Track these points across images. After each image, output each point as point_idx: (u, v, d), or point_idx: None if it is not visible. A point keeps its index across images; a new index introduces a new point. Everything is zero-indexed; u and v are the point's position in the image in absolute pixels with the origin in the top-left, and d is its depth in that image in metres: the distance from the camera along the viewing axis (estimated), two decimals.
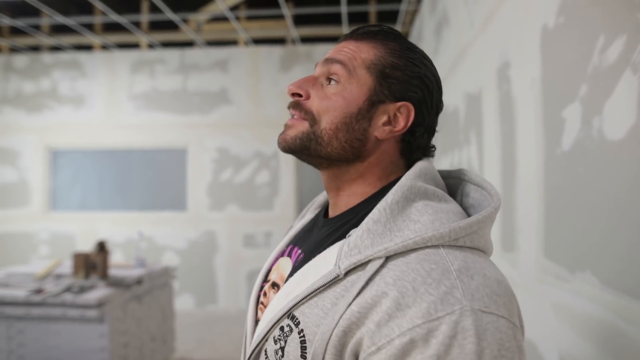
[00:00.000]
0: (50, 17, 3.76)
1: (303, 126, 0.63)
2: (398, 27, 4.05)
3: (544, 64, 1.17)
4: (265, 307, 0.68)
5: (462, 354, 0.46)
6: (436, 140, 0.67)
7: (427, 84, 0.61)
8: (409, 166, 0.64)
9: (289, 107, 0.65)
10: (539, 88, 1.19)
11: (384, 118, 0.60)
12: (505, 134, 1.48)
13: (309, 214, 0.77)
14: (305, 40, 4.53)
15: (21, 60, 4.71)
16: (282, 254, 0.72)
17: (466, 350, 0.46)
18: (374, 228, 0.54)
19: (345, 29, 4.05)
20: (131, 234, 4.52)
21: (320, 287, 0.54)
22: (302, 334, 0.54)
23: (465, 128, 2.05)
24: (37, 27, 4.09)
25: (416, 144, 0.62)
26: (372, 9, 3.79)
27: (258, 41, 4.55)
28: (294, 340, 0.54)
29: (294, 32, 4.12)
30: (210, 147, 4.54)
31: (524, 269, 1.32)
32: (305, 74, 4.54)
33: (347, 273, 0.53)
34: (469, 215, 0.61)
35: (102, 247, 2.61)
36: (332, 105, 0.61)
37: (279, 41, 4.60)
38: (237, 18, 3.99)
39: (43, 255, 4.62)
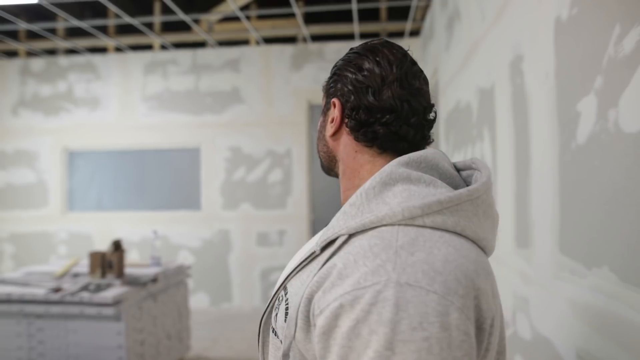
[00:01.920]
0: (65, 20, 3.81)
1: None
2: (409, 23, 4.02)
3: (557, 56, 1.15)
4: None
5: (379, 321, 0.49)
6: (449, 137, 0.67)
7: (339, 74, 0.71)
8: (397, 153, 0.67)
9: None
10: (552, 81, 1.17)
11: (330, 119, 0.72)
12: (519, 128, 1.46)
13: None
14: (316, 38, 4.52)
15: (38, 63, 4.80)
16: None
17: (383, 318, 0.49)
18: (349, 210, 0.60)
19: (355, 26, 4.04)
20: (146, 233, 4.58)
21: (303, 262, 0.63)
22: (287, 302, 0.63)
23: (478, 123, 2.03)
24: (52, 31, 4.16)
25: (351, 125, 0.68)
26: (383, 5, 3.77)
27: (269, 40, 4.56)
28: (282, 308, 0.64)
29: (305, 30, 4.12)
30: (223, 147, 4.57)
31: (539, 265, 1.30)
32: (317, 72, 4.51)
33: (323, 250, 0.60)
34: None
35: (118, 246, 2.65)
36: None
37: (290, 40, 4.60)
38: (248, 17, 4.00)
39: (61, 255, 4.71)
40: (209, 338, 3.68)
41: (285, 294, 0.64)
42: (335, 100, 0.71)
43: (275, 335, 0.65)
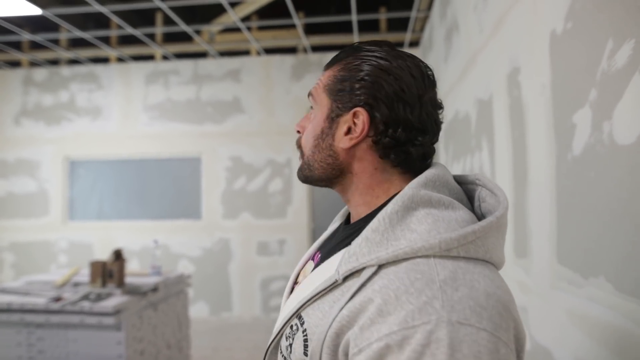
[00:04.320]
0: (68, 31, 3.86)
1: (300, 160, 0.71)
2: (408, 34, 4.06)
3: (553, 69, 1.17)
4: None
5: None
6: (448, 147, 0.67)
7: (373, 81, 0.62)
8: (412, 173, 0.64)
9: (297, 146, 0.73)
10: (549, 93, 1.19)
11: (345, 129, 0.64)
12: (516, 139, 1.48)
13: (338, 220, 0.81)
14: (317, 49, 4.56)
15: (40, 73, 4.84)
16: (310, 258, 0.77)
17: None
18: (372, 237, 0.56)
19: (355, 37, 4.08)
20: (147, 242, 4.58)
21: (322, 290, 0.58)
22: (305, 333, 0.58)
23: (477, 134, 2.05)
24: (55, 42, 4.20)
25: (384, 143, 0.62)
26: (383, 16, 3.81)
27: (270, 51, 4.60)
28: (299, 338, 0.59)
29: (305, 41, 4.16)
30: (224, 156, 4.59)
31: (537, 275, 1.31)
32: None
33: (346, 279, 0.57)
34: None
35: (118, 256, 2.66)
36: (307, 134, 0.69)
37: (291, 50, 4.64)
38: (249, 28, 4.04)
39: (62, 264, 4.71)
40: (208, 347, 3.67)
41: (302, 324, 0.59)
42: (361, 110, 0.62)
43: None
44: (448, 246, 0.53)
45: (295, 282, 0.75)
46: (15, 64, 4.84)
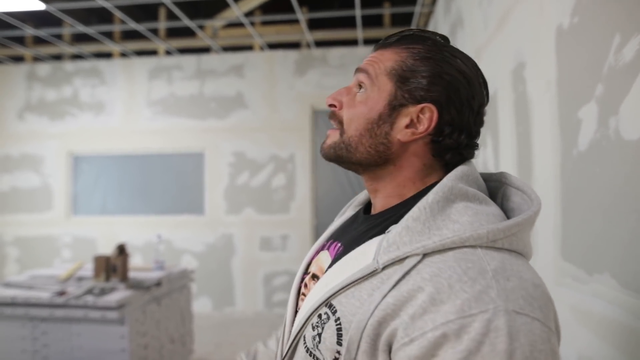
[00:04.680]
0: (71, 26, 3.86)
1: (335, 136, 0.67)
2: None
3: (559, 64, 1.16)
4: (305, 297, 0.71)
5: (493, 352, 0.47)
6: None
7: (450, 82, 0.61)
8: (446, 167, 0.64)
9: (328, 118, 0.69)
10: (554, 88, 1.18)
11: (407, 120, 0.62)
12: (521, 135, 1.47)
13: (349, 211, 0.79)
14: (320, 44, 4.55)
15: (44, 68, 4.84)
16: (322, 248, 0.75)
17: (497, 349, 0.47)
18: (413, 226, 0.56)
19: (359, 32, 4.06)
20: (150, 237, 4.60)
21: (359, 279, 0.56)
22: (338, 322, 0.56)
23: (482, 129, 2.04)
24: (59, 37, 4.20)
25: (445, 144, 0.62)
26: (387, 11, 3.79)
27: (273, 46, 4.59)
28: (330, 327, 0.57)
29: (309, 36, 4.14)
30: (227, 151, 4.59)
31: (541, 270, 1.30)
32: (320, 78, 4.49)
33: (385, 267, 0.56)
34: (508, 218, 0.61)
35: (122, 250, 2.67)
36: (356, 113, 0.64)
37: (294, 45, 4.63)
38: (252, 23, 4.03)
39: (65, 259, 4.73)
40: (212, 342, 3.68)
41: (333, 312, 0.57)
42: (431, 106, 0.61)
43: (313, 357, 0.60)
44: (495, 237, 0.54)
45: (306, 273, 0.74)
46: (18, 59, 4.85)
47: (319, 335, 0.58)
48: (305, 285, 0.72)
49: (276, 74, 4.57)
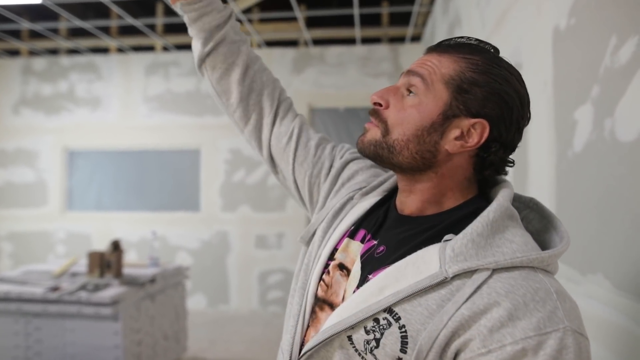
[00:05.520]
0: (68, 21, 3.83)
1: (376, 133, 0.66)
2: (410, 29, 4.04)
3: (555, 65, 1.16)
4: (326, 285, 0.69)
5: None
6: None
7: (506, 101, 0.61)
8: (480, 181, 0.67)
9: (369, 114, 0.68)
10: (550, 89, 1.19)
11: (457, 132, 0.62)
12: None
13: (374, 196, 0.75)
14: (318, 42, 4.54)
15: (40, 63, 4.81)
16: (346, 234, 0.72)
17: None
18: (478, 240, 0.58)
19: (357, 31, 4.06)
20: (145, 233, 4.58)
21: (426, 287, 0.57)
22: (403, 330, 0.57)
23: None
24: (55, 31, 4.18)
25: (490, 160, 0.64)
26: (385, 10, 3.79)
27: (271, 43, 4.58)
28: (392, 334, 0.58)
29: (307, 34, 4.14)
30: (223, 148, 4.58)
31: None
32: (318, 76, 4.47)
33: (452, 278, 0.57)
34: None
35: (116, 247, 2.66)
36: (406, 118, 0.63)
37: (292, 43, 4.62)
38: (250, 21, 4.02)
39: (60, 254, 4.71)
40: (206, 339, 3.68)
41: (396, 319, 0.58)
42: (484, 122, 0.61)
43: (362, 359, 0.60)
44: (550, 261, 0.59)
45: (331, 259, 0.71)
46: (14, 53, 4.81)
47: (376, 340, 0.58)
48: (328, 273, 0.70)
49: (274, 71, 4.46)
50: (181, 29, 4.18)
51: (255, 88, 0.87)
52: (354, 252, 0.69)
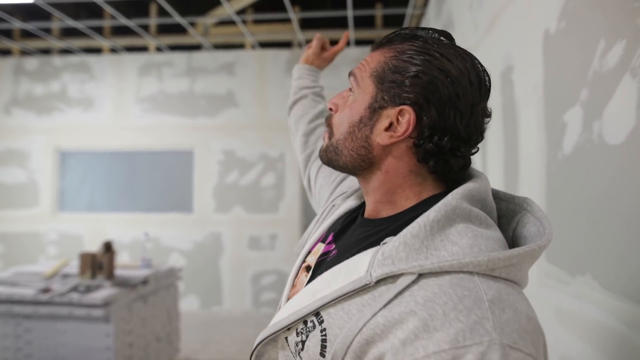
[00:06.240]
0: (60, 20, 3.81)
1: (326, 138, 0.67)
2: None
3: (546, 68, 1.17)
4: (295, 288, 0.70)
5: None
6: None
7: (429, 81, 0.57)
8: (442, 177, 0.62)
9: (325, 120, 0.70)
10: (541, 92, 1.20)
11: (386, 123, 0.60)
12: (508, 137, 1.49)
13: (352, 200, 0.75)
14: None
15: (31, 62, 4.77)
16: (321, 239, 0.72)
17: None
18: (412, 242, 0.54)
19: (351, 32, 4.07)
20: (138, 234, 4.56)
21: (350, 292, 0.54)
22: (324, 333, 0.55)
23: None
24: (47, 31, 4.15)
25: (425, 148, 0.58)
26: (379, 12, 3.81)
27: (264, 45, 4.58)
28: (315, 337, 0.56)
29: (300, 35, 4.14)
30: (217, 150, 4.57)
31: None
32: None
33: (378, 282, 0.54)
34: (515, 244, 0.61)
35: (108, 248, 2.64)
36: (342, 118, 0.64)
37: (286, 45, 4.62)
38: (244, 22, 4.02)
39: (51, 255, 4.67)
40: (198, 341, 3.66)
41: (320, 322, 0.56)
42: (409, 109, 0.58)
43: None
44: (494, 265, 0.52)
45: (304, 262, 0.72)
46: (5, 53, 4.77)
47: (303, 342, 0.57)
48: (298, 275, 0.71)
49: (267, 73, 4.56)
50: (175, 29, 4.17)
51: (317, 133, 1.02)
52: (320, 253, 0.70)
